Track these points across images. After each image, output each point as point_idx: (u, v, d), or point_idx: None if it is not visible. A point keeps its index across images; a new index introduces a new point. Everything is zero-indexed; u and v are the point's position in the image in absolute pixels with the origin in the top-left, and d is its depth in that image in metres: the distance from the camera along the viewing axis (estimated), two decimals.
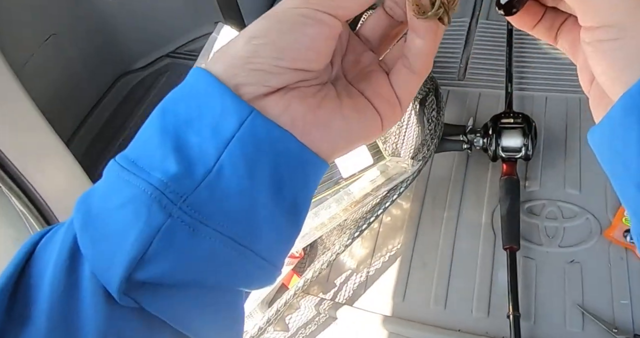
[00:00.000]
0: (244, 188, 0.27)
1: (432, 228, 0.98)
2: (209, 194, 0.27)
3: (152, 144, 0.28)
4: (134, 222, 0.26)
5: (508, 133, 0.96)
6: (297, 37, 0.28)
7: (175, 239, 0.26)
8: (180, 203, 0.26)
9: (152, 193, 0.26)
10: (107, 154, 1.20)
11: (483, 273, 0.91)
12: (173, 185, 0.26)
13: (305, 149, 0.29)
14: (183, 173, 0.27)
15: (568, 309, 0.84)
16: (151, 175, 0.27)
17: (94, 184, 0.30)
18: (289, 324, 0.89)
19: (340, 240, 0.85)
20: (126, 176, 0.27)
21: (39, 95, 0.84)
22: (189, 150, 0.27)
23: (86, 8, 1.21)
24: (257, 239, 0.29)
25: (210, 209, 0.27)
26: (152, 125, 0.28)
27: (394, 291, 0.91)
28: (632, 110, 0.23)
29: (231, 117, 0.27)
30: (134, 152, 0.28)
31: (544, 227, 0.94)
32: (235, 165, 0.27)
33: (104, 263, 0.26)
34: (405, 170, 0.89)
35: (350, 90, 0.32)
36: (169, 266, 0.27)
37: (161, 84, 1.35)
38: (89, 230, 0.27)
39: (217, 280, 0.29)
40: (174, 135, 0.27)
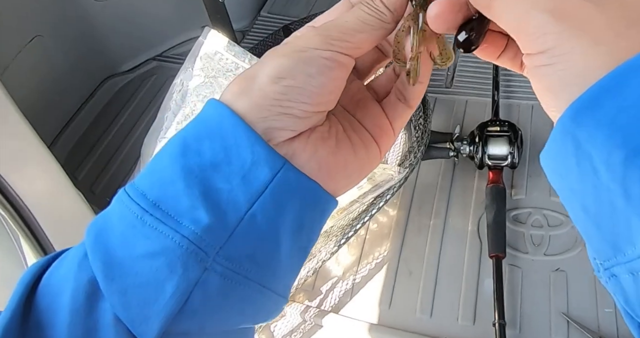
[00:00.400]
0: (271, 235, 0.29)
1: (418, 235, 0.98)
2: (240, 243, 0.28)
3: (175, 186, 0.27)
4: (169, 275, 0.26)
5: (494, 141, 0.97)
6: (324, 81, 0.28)
7: (210, 290, 0.27)
8: (214, 255, 0.27)
9: (187, 248, 0.26)
10: (90, 157, 1.19)
11: (469, 281, 0.91)
12: (207, 238, 0.27)
13: (327, 195, 0.31)
14: (215, 224, 0.27)
15: (553, 317, 0.84)
16: (182, 225, 0.27)
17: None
18: (274, 332, 0.88)
19: (326, 247, 0.84)
20: (152, 222, 0.27)
21: (22, 97, 0.82)
22: (219, 198, 0.27)
23: (72, 9, 1.20)
24: (278, 280, 0.30)
25: (241, 257, 0.28)
26: (173, 163, 0.28)
27: (380, 299, 0.91)
28: (566, 136, 0.23)
29: (263, 167, 0.28)
30: (154, 191, 0.28)
31: (529, 235, 0.95)
32: (266, 215, 0.28)
33: (138, 315, 0.27)
34: (392, 177, 0.89)
35: (351, 121, 0.33)
36: (204, 317, 0.28)
37: (147, 87, 1.34)
38: (116, 280, 0.27)
39: (241, 321, 0.30)
40: (200, 179, 0.27)
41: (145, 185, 0.28)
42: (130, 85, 1.35)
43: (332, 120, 0.31)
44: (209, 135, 0.28)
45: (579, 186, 0.23)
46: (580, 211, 0.24)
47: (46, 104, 1.16)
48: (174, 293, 0.26)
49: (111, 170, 1.16)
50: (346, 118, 0.33)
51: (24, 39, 1.10)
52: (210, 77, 0.90)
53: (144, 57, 1.40)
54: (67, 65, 1.22)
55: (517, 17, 0.25)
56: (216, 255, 0.27)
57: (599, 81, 0.22)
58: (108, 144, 1.21)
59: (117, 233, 0.27)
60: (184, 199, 0.27)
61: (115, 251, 0.27)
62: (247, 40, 1.39)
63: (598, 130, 0.21)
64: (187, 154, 0.28)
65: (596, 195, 0.22)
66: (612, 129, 0.21)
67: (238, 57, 0.91)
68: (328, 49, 0.28)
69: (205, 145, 0.28)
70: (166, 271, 0.26)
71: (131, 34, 1.33)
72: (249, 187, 0.27)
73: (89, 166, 1.17)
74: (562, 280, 0.88)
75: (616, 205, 0.21)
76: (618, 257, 0.22)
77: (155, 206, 0.27)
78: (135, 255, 0.27)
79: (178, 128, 0.88)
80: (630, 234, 0.21)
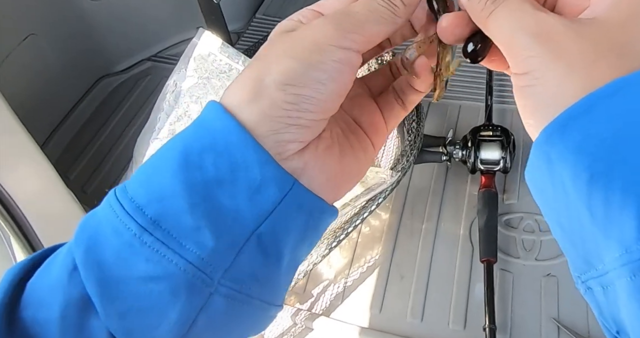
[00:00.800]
0: (275, 253, 0.28)
1: (410, 239, 0.98)
2: (245, 263, 0.27)
3: (177, 203, 0.25)
4: (172, 300, 0.25)
5: (487, 145, 0.97)
6: (334, 87, 0.27)
7: (214, 313, 0.27)
8: (219, 278, 0.26)
9: (192, 274, 0.25)
10: (83, 157, 1.18)
11: (460, 285, 0.91)
12: (212, 262, 0.26)
13: (332, 209, 0.30)
14: (221, 246, 0.26)
15: (544, 322, 0.84)
16: (186, 248, 0.25)
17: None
18: (264, 335, 0.88)
19: (317, 250, 0.84)
20: (152, 243, 0.25)
21: (14, 95, 0.82)
22: (224, 218, 0.26)
23: (67, 8, 1.20)
24: (278, 293, 0.30)
25: (245, 277, 0.27)
26: (173, 177, 0.26)
27: (371, 302, 0.91)
28: (541, 156, 0.24)
29: (272, 187, 0.26)
30: (153, 207, 0.26)
31: (521, 240, 0.95)
32: (273, 234, 0.27)
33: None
34: (384, 181, 0.89)
35: (348, 122, 0.33)
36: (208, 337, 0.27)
37: (141, 87, 1.33)
38: (114, 301, 0.25)
39: (241, 334, 0.30)
40: (203, 196, 0.26)
41: (142, 198, 0.26)
42: (125, 85, 1.35)
43: (331, 123, 0.30)
44: (213, 148, 0.26)
45: (554, 204, 0.25)
46: (557, 227, 0.25)
47: (39, 103, 1.16)
48: (178, 319, 0.26)
49: (103, 171, 1.16)
50: (343, 118, 0.32)
51: (17, 37, 1.09)
52: (203, 78, 0.90)
53: (138, 58, 1.39)
54: (61, 64, 1.22)
55: (506, 37, 0.26)
56: (221, 278, 0.26)
57: (569, 108, 0.23)
58: (101, 144, 1.20)
59: (111, 250, 0.26)
60: (187, 218, 0.25)
61: (111, 270, 0.25)
62: (242, 41, 1.39)
63: (567, 153, 0.23)
64: (189, 168, 0.26)
65: (568, 213, 0.24)
66: (579, 153, 0.22)
67: (232, 58, 0.91)
68: (342, 46, 0.27)
69: (209, 159, 0.26)
70: (169, 296, 0.25)
71: (126, 34, 1.33)
72: (256, 207, 0.26)
73: (81, 166, 1.16)
74: (553, 285, 0.88)
75: (584, 223, 0.23)
76: (591, 271, 0.24)
77: (155, 224, 0.25)
78: (133, 277, 0.25)
79: (171, 129, 0.88)
80: (599, 251, 0.22)
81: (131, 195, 0.26)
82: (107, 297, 0.25)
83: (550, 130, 0.24)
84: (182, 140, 0.27)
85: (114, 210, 0.26)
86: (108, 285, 0.25)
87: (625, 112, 0.22)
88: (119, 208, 0.26)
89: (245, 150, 0.26)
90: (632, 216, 0.20)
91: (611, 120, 0.22)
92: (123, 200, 0.26)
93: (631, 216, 0.20)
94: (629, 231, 0.20)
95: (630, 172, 0.21)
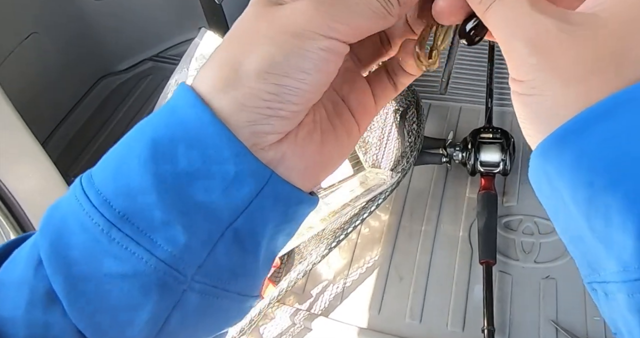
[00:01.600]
0: (252, 246, 0.27)
1: (409, 240, 0.98)
2: (220, 258, 0.26)
3: (146, 197, 0.24)
4: (143, 299, 0.24)
5: (487, 148, 0.97)
6: (319, 77, 0.26)
7: (188, 310, 0.26)
8: (192, 274, 0.25)
9: (164, 272, 0.24)
10: (83, 156, 1.18)
11: (459, 287, 0.91)
12: (185, 257, 0.25)
13: (311, 199, 0.29)
14: (194, 242, 0.25)
15: (542, 324, 0.85)
16: (156, 244, 0.24)
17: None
18: (263, 334, 0.88)
19: (317, 250, 0.84)
20: (121, 239, 0.24)
21: (16, 94, 0.82)
22: (197, 213, 0.24)
23: (69, 7, 1.20)
24: (255, 284, 0.29)
25: (220, 271, 0.26)
26: (142, 169, 0.24)
27: (370, 303, 0.91)
28: (539, 170, 0.24)
29: (248, 181, 0.25)
30: (121, 201, 0.24)
31: (520, 242, 0.95)
32: (249, 228, 0.26)
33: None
34: (384, 182, 0.89)
35: (335, 101, 0.31)
36: (182, 335, 0.26)
37: (143, 87, 1.34)
38: (81, 300, 0.24)
39: (217, 329, 0.29)
40: (175, 189, 0.24)
41: (109, 191, 0.24)
42: (126, 85, 1.35)
43: (315, 106, 0.28)
44: (184, 139, 0.24)
45: (556, 212, 0.25)
46: (561, 230, 0.25)
47: (40, 102, 1.16)
48: (150, 318, 0.25)
49: None
50: (330, 97, 0.30)
51: (19, 35, 1.09)
52: None
53: (140, 57, 1.39)
54: (63, 63, 1.22)
55: (503, 40, 0.25)
56: (195, 274, 0.25)
57: (565, 125, 0.22)
58: (101, 143, 1.20)
59: (78, 245, 0.24)
60: (157, 213, 0.24)
61: (78, 266, 0.24)
62: None
63: (564, 169, 0.22)
64: (159, 160, 0.24)
65: (570, 223, 0.24)
66: (576, 171, 0.22)
67: None
68: (327, 35, 0.25)
69: (180, 150, 0.24)
70: (139, 295, 0.24)
71: (128, 34, 1.33)
72: (231, 201, 0.25)
73: (82, 164, 1.16)
74: (551, 287, 0.88)
75: (586, 235, 0.23)
76: (594, 276, 0.24)
77: (124, 219, 0.24)
78: (101, 274, 0.24)
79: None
80: (600, 261, 0.22)
81: (98, 187, 0.25)
82: (75, 295, 0.24)
83: (547, 145, 0.23)
84: (151, 129, 0.25)
85: (80, 203, 0.25)
86: (75, 282, 0.24)
87: (621, 132, 0.21)
88: (86, 201, 0.24)
89: (220, 142, 0.24)
90: (631, 236, 0.20)
91: (607, 140, 0.21)
92: (90, 192, 0.25)
93: (630, 236, 0.20)
94: (628, 250, 0.20)
95: (629, 191, 0.21)
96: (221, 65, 0.25)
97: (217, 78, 0.25)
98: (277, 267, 0.93)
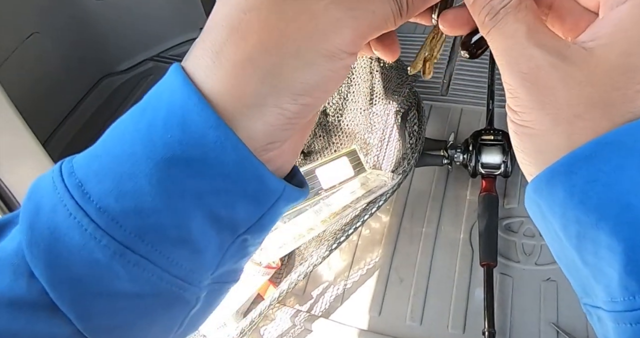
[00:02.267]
0: (258, 243, 0.28)
1: (410, 242, 0.98)
2: (227, 261, 0.27)
3: (160, 217, 0.23)
4: (160, 313, 0.25)
5: (488, 150, 0.97)
6: (333, 91, 0.26)
7: (199, 308, 0.27)
8: (208, 282, 0.27)
9: (180, 287, 0.24)
10: None
11: (460, 289, 0.91)
12: (201, 271, 0.25)
13: (306, 193, 0.29)
14: (208, 255, 0.25)
15: (543, 327, 0.84)
16: (173, 263, 0.24)
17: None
18: (263, 335, 0.88)
19: (318, 251, 0.84)
20: (136, 261, 0.23)
21: (17, 94, 0.82)
22: (212, 228, 0.25)
23: (71, 7, 1.20)
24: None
25: (227, 272, 0.28)
26: (154, 188, 0.23)
27: (370, 305, 0.91)
28: (533, 203, 0.25)
29: (263, 198, 0.25)
30: (132, 220, 0.23)
31: (521, 245, 0.95)
32: (257, 231, 0.27)
33: None
34: (385, 183, 0.89)
35: None
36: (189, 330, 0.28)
37: (144, 87, 1.34)
38: (93, 319, 0.23)
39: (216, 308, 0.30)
40: (192, 207, 0.24)
41: (115, 210, 0.23)
42: (127, 85, 1.35)
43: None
44: (203, 160, 0.23)
45: (549, 239, 0.26)
46: (555, 255, 0.26)
47: (42, 102, 1.16)
48: (165, 328, 0.26)
49: None
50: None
51: (20, 35, 1.09)
52: None
53: (141, 58, 1.40)
54: (64, 63, 1.22)
55: (500, 66, 0.25)
56: (210, 281, 0.26)
57: (554, 166, 0.23)
58: None
59: (81, 264, 0.23)
60: (172, 231, 0.23)
61: (84, 284, 0.23)
62: None
63: (555, 206, 0.23)
64: (175, 180, 0.23)
65: (562, 251, 0.25)
66: (566, 208, 0.23)
67: None
68: (352, 52, 0.25)
69: (197, 170, 0.23)
70: (155, 311, 0.24)
71: (129, 34, 1.33)
72: (247, 216, 0.25)
73: None
74: (552, 290, 0.88)
75: (577, 263, 0.24)
76: (587, 299, 0.25)
77: (137, 239, 0.23)
78: (113, 292, 0.23)
79: None
80: (592, 288, 0.24)
81: (98, 203, 0.23)
82: (87, 314, 0.23)
83: (538, 183, 0.24)
84: (162, 146, 0.23)
85: (81, 224, 0.23)
86: (84, 301, 0.23)
87: (605, 174, 0.22)
88: (84, 219, 0.23)
89: (241, 166, 0.24)
90: (617, 270, 0.21)
91: (593, 181, 0.22)
92: (89, 208, 0.23)
93: (616, 270, 0.21)
94: (614, 283, 0.22)
95: (614, 229, 0.21)
96: (246, 74, 0.24)
97: (242, 91, 0.24)
98: (278, 269, 0.93)
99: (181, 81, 0.24)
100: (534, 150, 0.25)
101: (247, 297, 0.87)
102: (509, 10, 0.24)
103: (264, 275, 0.88)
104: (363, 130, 1.04)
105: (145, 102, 0.25)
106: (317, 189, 0.94)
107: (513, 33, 0.24)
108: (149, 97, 0.26)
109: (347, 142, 1.05)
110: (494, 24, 0.25)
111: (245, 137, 0.24)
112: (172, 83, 0.25)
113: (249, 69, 0.23)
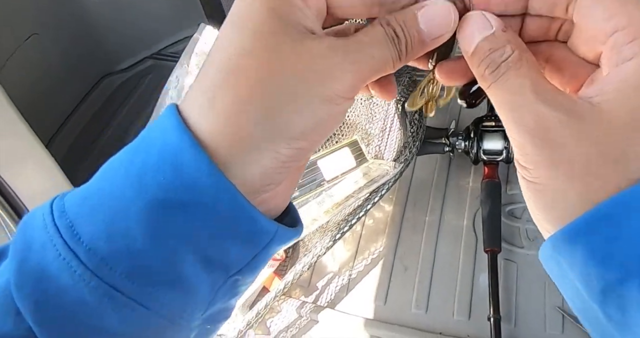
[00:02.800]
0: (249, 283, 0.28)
1: (413, 230, 0.98)
2: (218, 302, 0.27)
3: (152, 260, 0.23)
4: None
5: (489, 136, 0.97)
6: (329, 133, 0.26)
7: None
8: (196, 324, 0.26)
9: (167, 328, 0.24)
10: (88, 156, 1.19)
11: (464, 276, 0.91)
12: (191, 311, 0.25)
13: (300, 230, 0.29)
14: (200, 296, 0.25)
15: (548, 312, 0.85)
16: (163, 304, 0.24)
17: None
18: (270, 327, 0.89)
19: (321, 242, 0.85)
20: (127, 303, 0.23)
21: (18, 95, 0.82)
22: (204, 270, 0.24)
23: (69, 7, 1.20)
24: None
25: (218, 311, 0.28)
26: (144, 229, 0.23)
27: (375, 294, 0.91)
28: (551, 259, 0.25)
29: (256, 240, 0.25)
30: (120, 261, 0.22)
31: (525, 230, 0.95)
32: (249, 271, 0.27)
33: None
34: (387, 172, 0.89)
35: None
36: None
37: (144, 85, 1.34)
38: None
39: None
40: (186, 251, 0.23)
41: (104, 250, 0.22)
42: (127, 83, 1.35)
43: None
44: (195, 204, 0.23)
45: (568, 293, 0.25)
46: (572, 306, 0.26)
47: (43, 103, 1.16)
48: None
49: None
50: None
51: (20, 37, 1.10)
52: None
53: (140, 56, 1.40)
54: (64, 63, 1.22)
55: (504, 123, 0.25)
56: (200, 322, 0.26)
57: (573, 224, 0.23)
58: (106, 143, 1.21)
59: (71, 306, 0.22)
60: (163, 274, 0.23)
61: (74, 325, 0.23)
62: None
63: (576, 264, 0.23)
64: (169, 223, 0.23)
65: (582, 304, 0.24)
66: (588, 266, 0.22)
67: None
68: (350, 97, 0.24)
69: (190, 214, 0.23)
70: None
71: (128, 33, 1.33)
72: (238, 258, 0.25)
73: (87, 164, 1.17)
74: None
75: (599, 317, 0.23)
76: None
77: (128, 279, 0.22)
78: (102, 330, 0.23)
79: None
80: None
81: (88, 244, 0.23)
82: None
83: (557, 240, 0.24)
84: (155, 185, 0.23)
85: (70, 265, 0.22)
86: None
87: (625, 233, 0.22)
88: (74, 260, 0.22)
89: (235, 210, 0.24)
90: None
91: (616, 239, 0.22)
92: (79, 250, 0.22)
93: None
94: None
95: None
96: (241, 117, 0.23)
97: (236, 134, 0.23)
98: (283, 260, 0.94)
99: (175, 123, 0.24)
100: (547, 206, 0.24)
101: (253, 289, 0.88)
102: (510, 65, 0.24)
103: (269, 267, 0.88)
104: (364, 120, 1.04)
105: (138, 142, 0.25)
106: (319, 180, 0.94)
107: (518, 89, 0.23)
108: (142, 137, 0.25)
109: (349, 132, 1.05)
110: (495, 78, 0.24)
111: (239, 180, 0.23)
112: (166, 124, 0.24)
113: (244, 112, 0.23)
